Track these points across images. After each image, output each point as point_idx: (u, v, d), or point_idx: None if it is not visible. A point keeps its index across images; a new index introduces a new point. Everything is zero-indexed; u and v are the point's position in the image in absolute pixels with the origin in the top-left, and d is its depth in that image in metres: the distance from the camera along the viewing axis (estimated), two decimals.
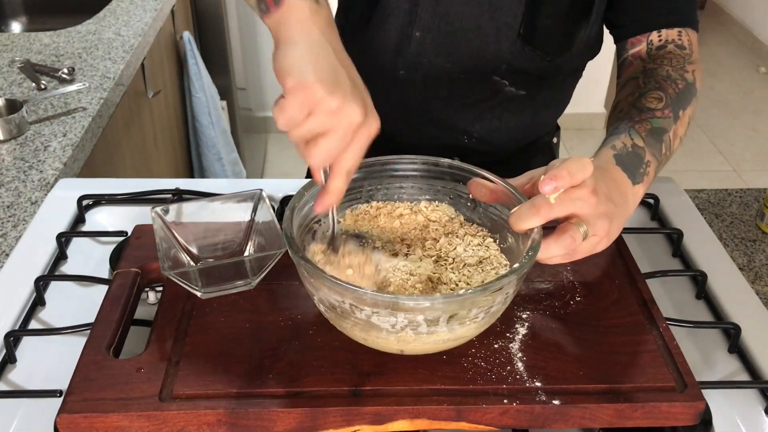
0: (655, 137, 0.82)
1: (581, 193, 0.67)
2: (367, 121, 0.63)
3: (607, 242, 0.71)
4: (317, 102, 0.60)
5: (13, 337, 0.74)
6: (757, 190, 1.17)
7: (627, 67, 0.97)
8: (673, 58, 0.92)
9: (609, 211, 0.70)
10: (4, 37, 1.67)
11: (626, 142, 0.80)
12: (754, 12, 4.53)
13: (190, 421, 0.62)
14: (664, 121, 0.83)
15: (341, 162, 0.64)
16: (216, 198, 0.80)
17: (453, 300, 0.61)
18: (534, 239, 0.67)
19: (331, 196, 0.66)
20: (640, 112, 0.84)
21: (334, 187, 0.65)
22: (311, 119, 0.61)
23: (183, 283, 0.71)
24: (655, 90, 0.87)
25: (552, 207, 0.66)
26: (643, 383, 0.65)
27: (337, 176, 0.65)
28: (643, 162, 0.79)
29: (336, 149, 0.63)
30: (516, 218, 0.68)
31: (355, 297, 0.61)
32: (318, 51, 0.64)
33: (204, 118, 2.20)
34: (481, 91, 1.03)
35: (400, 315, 0.61)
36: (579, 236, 0.67)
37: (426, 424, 0.63)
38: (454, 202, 0.79)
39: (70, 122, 1.29)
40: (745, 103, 3.86)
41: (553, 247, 0.67)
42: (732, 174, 3.29)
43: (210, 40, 2.36)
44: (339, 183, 0.65)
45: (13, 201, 1.08)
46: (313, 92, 0.60)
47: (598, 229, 0.69)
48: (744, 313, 0.80)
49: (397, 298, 0.60)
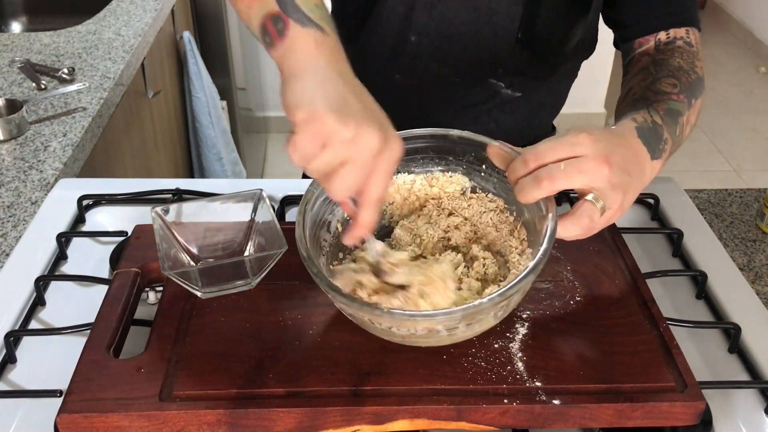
0: (672, 117, 0.79)
1: (590, 164, 0.65)
2: (388, 145, 0.61)
3: (619, 215, 0.69)
4: (330, 133, 0.58)
5: (13, 337, 0.74)
6: (757, 190, 1.17)
7: (635, 63, 0.95)
8: (684, 52, 0.91)
9: (623, 183, 0.67)
10: (4, 37, 1.67)
11: (646, 118, 0.77)
12: (754, 12, 4.53)
13: (190, 421, 0.62)
14: (679, 104, 0.81)
15: (368, 192, 0.61)
16: (216, 198, 0.80)
17: (471, 309, 0.60)
18: (549, 227, 0.65)
19: (362, 228, 0.63)
20: (656, 94, 0.82)
21: (364, 220, 0.62)
22: (326, 152, 0.58)
23: (183, 283, 0.71)
24: (669, 77, 0.85)
25: (555, 179, 0.64)
26: (643, 383, 0.64)
27: (366, 207, 0.62)
28: (662, 139, 0.76)
29: (357, 179, 0.60)
30: (519, 190, 0.66)
31: (373, 316, 0.62)
32: (325, 81, 0.61)
33: (204, 118, 2.20)
34: (477, 94, 1.02)
35: (420, 325, 0.61)
36: (597, 214, 0.66)
37: (426, 424, 0.63)
38: (466, 171, 0.78)
39: (70, 122, 1.29)
40: (745, 103, 3.86)
41: (570, 228, 0.66)
42: (732, 174, 3.29)
43: (210, 40, 2.36)
44: (369, 215, 0.62)
45: (13, 201, 1.08)
46: (324, 123, 0.58)
47: (611, 201, 0.66)
48: (744, 313, 0.80)
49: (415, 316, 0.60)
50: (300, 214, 0.69)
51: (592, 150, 0.65)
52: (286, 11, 0.66)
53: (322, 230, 0.73)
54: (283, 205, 0.95)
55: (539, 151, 0.66)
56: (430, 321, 0.61)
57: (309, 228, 0.69)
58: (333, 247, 0.74)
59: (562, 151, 0.65)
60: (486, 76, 1.00)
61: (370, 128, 0.59)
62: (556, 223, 0.65)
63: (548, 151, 0.65)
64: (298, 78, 0.62)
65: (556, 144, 0.66)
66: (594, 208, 0.66)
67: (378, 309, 0.61)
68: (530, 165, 0.66)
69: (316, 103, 0.59)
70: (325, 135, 0.58)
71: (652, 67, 0.89)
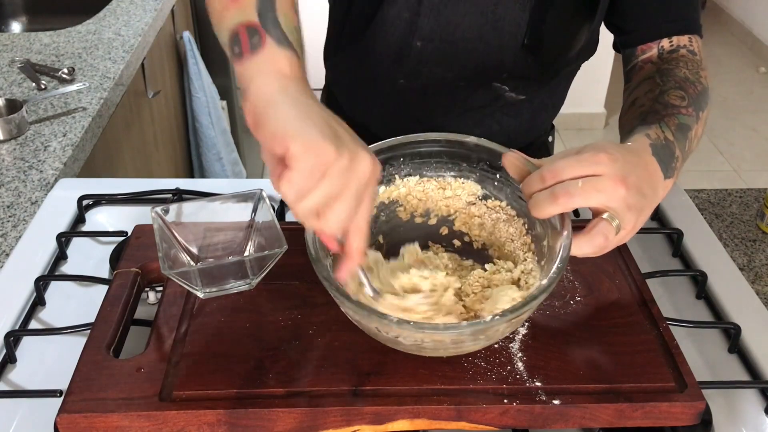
0: (682, 133, 0.78)
1: (606, 183, 0.64)
2: (376, 167, 0.59)
3: (631, 235, 0.68)
4: (329, 163, 0.55)
5: (13, 337, 0.74)
6: (757, 190, 1.17)
7: (638, 71, 0.94)
8: (689, 62, 0.90)
9: (639, 204, 0.66)
10: (4, 37, 1.67)
11: (659, 135, 0.76)
12: (754, 12, 4.53)
13: (190, 421, 0.62)
14: (688, 118, 0.80)
15: (357, 219, 0.59)
16: (216, 198, 0.80)
17: (479, 327, 0.60)
18: (564, 245, 0.64)
19: (354, 259, 0.61)
20: (665, 107, 0.81)
21: (356, 249, 0.60)
22: (324, 183, 0.55)
23: (183, 283, 0.71)
24: (676, 89, 0.84)
25: (572, 196, 0.63)
26: (643, 383, 0.64)
27: (355, 236, 0.59)
28: (674, 156, 0.75)
29: (353, 209, 0.57)
30: (534, 204, 0.65)
31: (380, 323, 0.61)
32: (308, 108, 0.59)
33: (204, 118, 2.20)
34: (481, 97, 1.02)
35: (427, 338, 0.61)
36: (612, 233, 0.65)
37: (426, 424, 0.63)
38: (479, 178, 0.77)
39: (70, 122, 1.29)
40: (745, 103, 3.86)
41: (584, 246, 0.65)
42: (732, 174, 3.29)
43: (210, 40, 2.36)
44: (359, 243, 0.60)
45: (13, 201, 1.08)
46: (323, 153, 0.55)
47: (626, 222, 0.65)
48: (744, 313, 0.80)
49: (422, 327, 0.60)
50: None
51: (611, 170, 0.64)
52: (265, 25, 0.63)
53: None
54: (283, 205, 0.95)
55: (557, 168, 0.64)
56: (439, 334, 0.60)
57: None
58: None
59: (580, 169, 0.64)
60: (490, 81, 1.00)
61: (362, 152, 0.58)
62: (571, 241, 0.64)
63: (566, 168, 0.64)
64: (277, 105, 0.58)
65: (574, 161, 0.65)
66: (609, 227, 0.65)
67: (387, 318, 0.59)
68: (547, 181, 0.65)
69: (309, 132, 0.56)
70: (323, 165, 0.55)
71: (657, 77, 0.88)
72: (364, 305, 0.62)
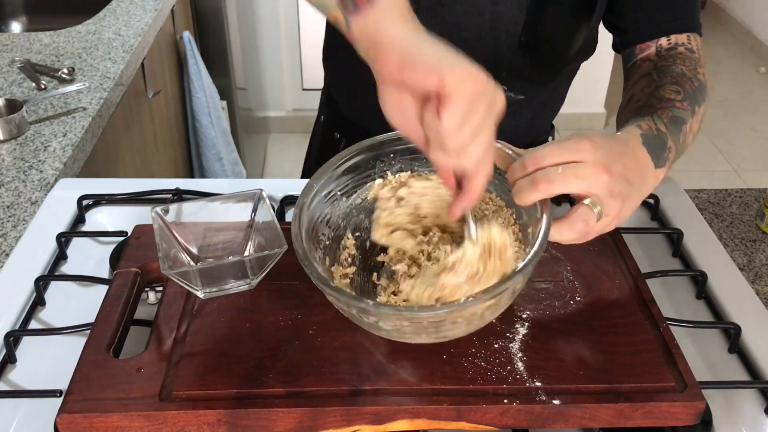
0: (675, 125, 0.79)
1: (588, 170, 0.64)
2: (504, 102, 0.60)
3: (617, 223, 0.68)
4: (485, 92, 0.57)
5: (13, 337, 0.74)
6: (757, 190, 1.17)
7: (636, 69, 0.95)
8: (686, 59, 0.90)
9: (623, 192, 0.66)
10: (4, 37, 1.67)
11: (651, 126, 0.76)
12: (754, 12, 4.53)
13: (190, 421, 0.62)
14: (683, 112, 0.81)
15: (489, 156, 0.60)
16: (216, 198, 0.80)
17: (454, 308, 0.60)
18: (542, 229, 0.64)
19: (474, 198, 0.62)
20: (660, 101, 0.82)
21: (477, 187, 0.61)
22: (478, 113, 0.56)
23: (183, 283, 0.71)
24: (672, 84, 0.84)
25: (551, 182, 0.63)
26: (643, 383, 0.65)
27: (484, 173, 0.60)
28: (666, 147, 0.75)
29: (492, 143, 0.58)
30: (516, 191, 0.65)
31: (360, 309, 0.61)
32: (441, 43, 0.59)
33: (204, 118, 2.20)
34: None
35: (405, 321, 0.61)
36: (593, 218, 0.65)
37: (426, 424, 0.63)
38: None
39: (70, 122, 1.29)
40: (745, 103, 3.86)
41: (565, 231, 0.66)
42: (732, 174, 3.29)
43: (210, 40, 2.36)
44: (482, 182, 0.60)
45: (13, 201, 1.08)
46: (479, 81, 0.56)
47: (609, 209, 0.66)
48: (744, 313, 0.80)
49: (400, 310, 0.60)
50: (297, 207, 0.69)
51: (593, 156, 0.64)
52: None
53: (321, 224, 0.73)
54: (283, 205, 0.95)
55: (538, 155, 0.65)
56: (414, 314, 0.61)
57: (306, 225, 0.69)
58: (332, 241, 0.74)
59: (561, 156, 0.64)
60: None
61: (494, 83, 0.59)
62: (549, 225, 0.65)
63: (548, 155, 0.65)
64: (419, 43, 0.59)
65: (556, 148, 0.65)
66: (590, 213, 0.65)
67: (364, 303, 0.60)
68: (528, 168, 0.65)
69: (460, 64, 0.57)
70: (480, 94, 0.57)
71: (654, 73, 0.88)
72: (345, 291, 0.62)
